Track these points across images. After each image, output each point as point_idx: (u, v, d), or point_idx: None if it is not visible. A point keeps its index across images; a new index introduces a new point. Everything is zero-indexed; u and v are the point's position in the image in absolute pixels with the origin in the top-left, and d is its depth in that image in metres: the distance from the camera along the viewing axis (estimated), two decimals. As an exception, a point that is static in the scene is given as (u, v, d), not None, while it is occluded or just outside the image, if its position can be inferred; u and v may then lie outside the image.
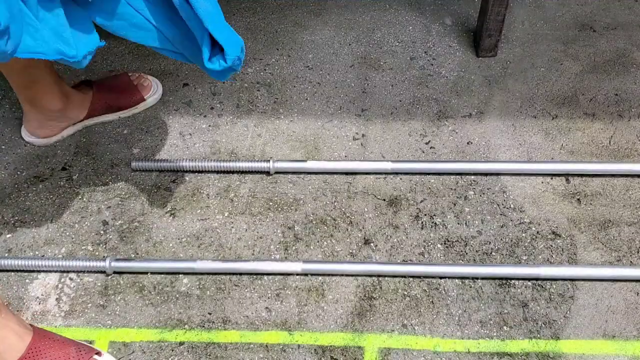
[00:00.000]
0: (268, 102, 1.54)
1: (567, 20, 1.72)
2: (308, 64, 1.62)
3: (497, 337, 1.17)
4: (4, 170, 1.41)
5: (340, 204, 1.35)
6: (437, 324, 1.18)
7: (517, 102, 1.53)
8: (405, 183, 1.39)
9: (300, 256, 1.28)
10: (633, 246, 1.28)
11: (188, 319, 1.19)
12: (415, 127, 1.49)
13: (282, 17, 1.73)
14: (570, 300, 1.21)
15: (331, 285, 1.23)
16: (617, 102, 1.53)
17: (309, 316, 1.19)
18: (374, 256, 1.28)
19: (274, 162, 1.38)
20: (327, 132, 1.48)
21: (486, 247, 1.28)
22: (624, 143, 1.45)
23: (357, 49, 1.66)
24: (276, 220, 1.33)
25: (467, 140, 1.46)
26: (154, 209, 1.34)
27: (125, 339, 1.17)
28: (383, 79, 1.59)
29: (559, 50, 1.65)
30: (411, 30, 1.70)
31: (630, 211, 1.34)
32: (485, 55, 1.63)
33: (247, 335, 1.17)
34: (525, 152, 1.44)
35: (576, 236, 1.30)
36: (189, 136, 1.47)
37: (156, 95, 1.53)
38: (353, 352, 1.15)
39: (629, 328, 1.18)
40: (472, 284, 1.23)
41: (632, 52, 1.64)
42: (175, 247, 1.29)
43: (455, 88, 1.56)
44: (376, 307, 1.20)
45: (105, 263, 1.23)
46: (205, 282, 1.24)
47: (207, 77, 1.59)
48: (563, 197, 1.36)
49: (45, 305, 1.21)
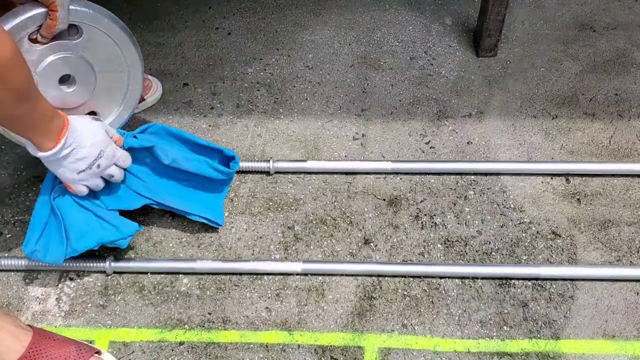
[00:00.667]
0: (268, 102, 1.54)
1: (567, 20, 1.72)
2: (308, 64, 1.62)
3: (497, 337, 1.17)
4: (4, 170, 1.41)
5: (340, 204, 1.35)
6: (437, 324, 1.18)
7: (517, 102, 1.53)
8: (405, 183, 1.39)
9: (300, 256, 1.28)
10: (633, 246, 1.28)
11: (188, 319, 1.19)
12: (415, 127, 1.49)
13: (282, 17, 1.73)
14: (570, 300, 1.21)
15: (331, 285, 1.23)
16: (617, 102, 1.53)
17: (309, 316, 1.19)
18: (374, 256, 1.28)
19: (274, 162, 1.38)
20: (327, 132, 1.48)
21: (486, 247, 1.28)
22: (624, 143, 1.45)
23: (357, 48, 1.66)
24: (276, 220, 1.33)
25: (467, 140, 1.46)
26: (154, 209, 1.34)
27: (126, 339, 1.17)
28: (383, 78, 1.59)
29: (559, 50, 1.65)
30: (411, 30, 1.70)
31: (630, 211, 1.34)
32: (485, 55, 1.63)
33: (247, 335, 1.17)
34: (525, 152, 1.44)
35: (576, 236, 1.30)
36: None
37: (156, 95, 1.53)
38: (353, 352, 1.15)
39: (629, 328, 1.18)
40: (472, 284, 1.23)
41: (632, 52, 1.64)
42: (175, 247, 1.29)
43: (455, 88, 1.56)
44: (376, 307, 1.20)
45: (105, 263, 1.23)
46: (205, 282, 1.24)
47: (207, 77, 1.59)
48: (563, 197, 1.36)
49: (45, 305, 1.21)
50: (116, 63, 1.18)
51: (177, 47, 1.67)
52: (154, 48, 1.66)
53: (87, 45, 1.12)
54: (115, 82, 1.20)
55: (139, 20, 1.71)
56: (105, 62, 1.16)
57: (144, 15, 1.74)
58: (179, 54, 1.65)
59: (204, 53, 1.65)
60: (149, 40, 1.67)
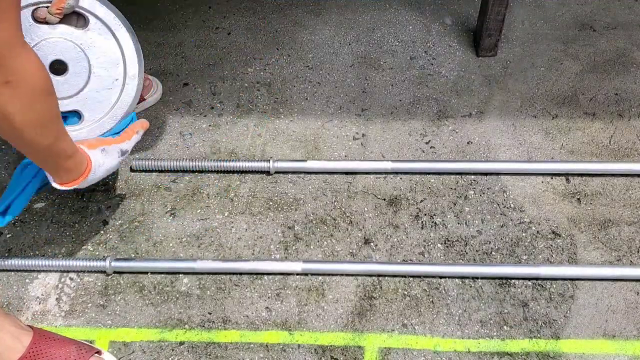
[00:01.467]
0: (268, 102, 1.54)
1: (567, 20, 1.72)
2: (308, 64, 1.62)
3: (497, 337, 1.17)
4: (4, 170, 1.41)
5: (340, 204, 1.35)
6: (437, 324, 1.18)
7: (517, 102, 1.53)
8: (405, 183, 1.39)
9: (300, 256, 1.28)
10: (633, 246, 1.28)
11: (188, 319, 1.19)
12: (415, 126, 1.49)
13: (282, 17, 1.73)
14: (571, 300, 1.21)
15: (331, 285, 1.23)
16: (617, 101, 1.53)
17: (309, 316, 1.19)
18: (374, 256, 1.28)
19: (274, 161, 1.38)
20: (327, 131, 1.48)
21: (486, 247, 1.28)
22: (624, 142, 1.45)
23: (357, 48, 1.66)
24: (276, 220, 1.33)
25: (467, 140, 1.46)
26: (154, 209, 1.34)
27: (126, 339, 1.17)
28: (383, 78, 1.59)
29: (559, 50, 1.65)
30: (411, 30, 1.70)
31: (630, 211, 1.34)
32: (485, 54, 1.63)
33: (247, 335, 1.17)
34: (526, 152, 1.44)
35: (576, 236, 1.30)
36: (189, 136, 1.47)
37: (156, 95, 1.53)
38: (353, 352, 1.15)
39: (629, 328, 1.18)
40: (472, 284, 1.23)
41: (632, 51, 1.64)
42: (175, 246, 1.29)
43: (455, 88, 1.56)
44: (376, 306, 1.21)
45: (106, 263, 1.23)
46: (206, 281, 1.24)
47: (207, 76, 1.59)
48: (563, 197, 1.36)
49: (46, 305, 1.21)
50: (114, 68, 1.16)
51: (177, 46, 1.67)
52: (154, 48, 1.66)
53: (90, 39, 1.10)
54: (107, 88, 1.18)
55: (139, 20, 1.71)
56: (103, 63, 1.15)
57: (144, 15, 1.74)
58: (179, 54, 1.65)
59: (204, 53, 1.65)
60: (149, 40, 1.67)
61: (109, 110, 1.20)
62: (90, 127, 1.20)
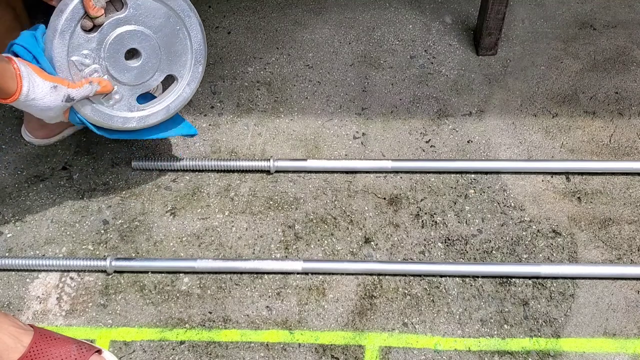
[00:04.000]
0: (268, 101, 1.54)
1: (567, 19, 1.72)
2: (308, 63, 1.62)
3: (498, 336, 1.17)
4: (5, 170, 1.41)
5: (340, 203, 1.35)
6: (437, 323, 1.18)
7: (517, 101, 1.53)
8: (405, 182, 1.39)
9: (300, 255, 1.28)
10: (633, 244, 1.29)
11: (189, 318, 1.19)
12: (416, 125, 1.49)
13: (282, 16, 1.73)
14: (571, 299, 1.21)
15: (332, 284, 1.23)
16: (618, 100, 1.53)
17: (310, 315, 1.20)
18: (374, 255, 1.28)
19: (274, 161, 1.38)
20: (327, 130, 1.48)
21: (486, 246, 1.28)
22: (625, 141, 1.45)
23: (357, 47, 1.66)
24: (276, 219, 1.33)
25: (468, 139, 1.46)
26: (155, 208, 1.35)
27: (126, 338, 1.17)
28: (383, 77, 1.59)
29: (559, 49, 1.65)
30: (411, 29, 1.70)
31: (630, 209, 1.34)
32: (486, 53, 1.62)
33: (248, 334, 1.17)
34: (526, 151, 1.44)
35: (576, 234, 1.30)
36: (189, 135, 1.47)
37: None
38: (354, 351, 1.15)
39: (630, 326, 1.18)
40: (473, 283, 1.23)
41: (632, 50, 1.64)
42: (175, 246, 1.29)
43: (456, 86, 1.56)
44: (377, 305, 1.21)
45: (106, 262, 1.23)
46: (206, 281, 1.24)
47: (207, 76, 1.59)
48: (563, 196, 1.36)
49: (46, 305, 1.21)
50: (169, 20, 1.18)
51: (177, 46, 1.66)
52: (154, 47, 1.65)
53: (136, 14, 1.13)
54: (176, 39, 1.21)
55: (139, 20, 1.71)
56: (158, 23, 1.17)
57: (144, 14, 1.73)
58: (179, 53, 1.65)
59: (204, 52, 1.65)
60: (149, 39, 1.66)
61: (190, 55, 1.24)
62: (185, 81, 1.26)
